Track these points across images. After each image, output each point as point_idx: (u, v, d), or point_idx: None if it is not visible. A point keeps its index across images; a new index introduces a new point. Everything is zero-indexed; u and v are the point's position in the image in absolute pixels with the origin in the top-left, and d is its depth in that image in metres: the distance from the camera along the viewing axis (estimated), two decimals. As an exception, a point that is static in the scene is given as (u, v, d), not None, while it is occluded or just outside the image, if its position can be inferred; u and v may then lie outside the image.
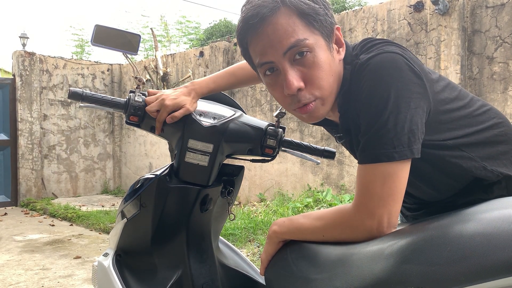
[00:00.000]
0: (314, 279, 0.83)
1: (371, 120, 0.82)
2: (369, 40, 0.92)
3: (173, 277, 1.16)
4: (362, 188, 0.84)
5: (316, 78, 0.87)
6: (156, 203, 1.14)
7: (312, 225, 0.91)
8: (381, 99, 0.80)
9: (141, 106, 1.14)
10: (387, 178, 0.81)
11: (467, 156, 0.88)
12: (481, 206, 0.77)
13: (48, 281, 3.44)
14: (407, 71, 0.81)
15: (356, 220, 0.84)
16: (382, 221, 0.82)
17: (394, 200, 0.82)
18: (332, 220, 0.88)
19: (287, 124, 5.66)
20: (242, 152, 1.21)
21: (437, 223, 0.76)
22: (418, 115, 0.81)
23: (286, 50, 0.85)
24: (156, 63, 4.86)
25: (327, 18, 0.87)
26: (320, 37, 0.87)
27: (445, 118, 0.87)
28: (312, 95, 0.88)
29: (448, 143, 0.87)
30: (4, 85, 7.08)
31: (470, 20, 4.14)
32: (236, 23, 13.49)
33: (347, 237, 0.86)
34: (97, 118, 8.07)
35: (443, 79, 0.93)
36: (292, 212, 4.46)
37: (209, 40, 12.38)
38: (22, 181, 7.11)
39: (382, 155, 0.80)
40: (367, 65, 0.84)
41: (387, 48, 0.85)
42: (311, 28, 0.86)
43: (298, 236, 0.94)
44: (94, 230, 5.28)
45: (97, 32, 1.15)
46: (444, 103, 0.88)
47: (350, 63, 0.91)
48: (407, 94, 0.80)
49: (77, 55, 12.89)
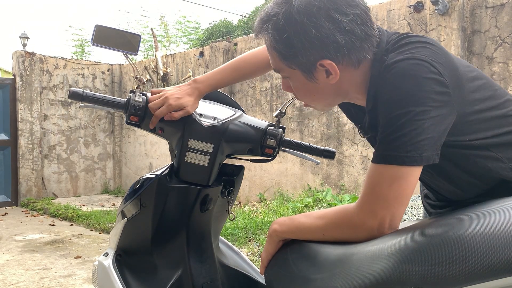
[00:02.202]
0: (314, 278, 0.83)
1: (389, 122, 0.82)
2: (404, 37, 0.90)
3: (173, 277, 1.16)
4: (368, 187, 0.83)
5: (297, 94, 0.99)
6: (156, 203, 1.14)
7: (312, 224, 0.91)
8: (401, 105, 0.80)
9: (142, 106, 1.15)
10: (395, 181, 0.80)
11: (494, 157, 0.87)
12: (481, 206, 0.77)
13: (48, 281, 3.44)
14: (431, 80, 0.80)
15: (358, 218, 0.83)
16: (383, 222, 0.81)
17: (399, 203, 0.81)
18: (334, 218, 0.88)
19: (287, 124, 5.66)
20: (242, 152, 1.21)
21: (437, 223, 0.76)
22: (439, 123, 0.80)
23: (273, 68, 0.98)
24: (156, 63, 4.86)
25: (305, 57, 0.87)
26: (297, 71, 0.91)
27: (474, 119, 0.86)
28: (300, 99, 1.00)
29: (475, 143, 0.86)
30: (4, 85, 7.08)
31: (470, 20, 4.14)
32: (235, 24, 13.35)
33: (347, 236, 0.86)
34: (97, 118, 8.07)
35: (481, 77, 0.90)
36: (292, 212, 4.46)
37: (209, 40, 12.38)
38: (22, 181, 7.11)
39: (393, 157, 0.80)
40: (392, 69, 0.83)
41: (417, 53, 0.83)
42: (289, 62, 0.91)
43: (298, 235, 0.94)
44: (94, 230, 5.28)
45: (98, 32, 1.15)
46: (474, 104, 0.86)
47: (380, 60, 0.89)
48: (427, 102, 0.79)
49: (77, 55, 12.89)
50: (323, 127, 5.36)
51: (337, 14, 0.83)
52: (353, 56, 0.87)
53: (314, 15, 0.83)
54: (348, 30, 0.84)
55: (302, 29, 0.84)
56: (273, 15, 0.87)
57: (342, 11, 0.84)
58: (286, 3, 0.86)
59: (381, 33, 0.92)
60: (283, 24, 0.86)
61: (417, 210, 3.54)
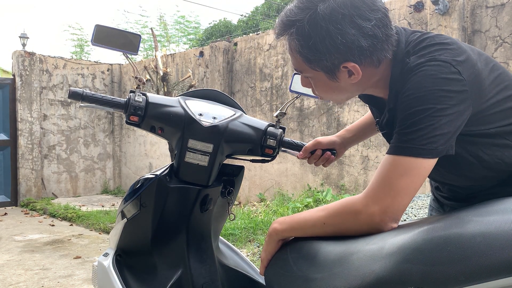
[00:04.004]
0: (314, 278, 0.83)
1: (408, 117, 0.84)
2: (424, 38, 0.92)
3: (173, 277, 1.16)
4: (378, 176, 0.85)
5: (317, 91, 1.02)
6: (156, 203, 1.14)
7: (313, 216, 0.92)
8: (421, 101, 0.83)
9: (141, 106, 1.14)
10: (407, 172, 0.82)
11: (509, 145, 0.90)
12: (481, 206, 0.77)
13: (48, 281, 3.44)
14: (450, 80, 0.84)
15: (361, 204, 0.84)
16: (387, 211, 0.82)
17: (406, 194, 0.82)
18: (336, 208, 0.89)
19: (287, 124, 5.66)
20: (242, 152, 1.21)
21: (437, 222, 0.76)
22: (455, 119, 0.84)
23: (294, 68, 1.01)
24: (156, 63, 4.86)
25: (330, 61, 0.90)
26: (321, 72, 0.94)
27: (491, 111, 0.89)
28: (319, 96, 1.04)
29: (491, 131, 0.89)
30: (4, 85, 7.08)
31: (470, 20, 4.14)
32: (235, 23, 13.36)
33: (348, 225, 0.86)
34: (97, 118, 8.07)
35: (497, 68, 0.93)
36: (292, 212, 4.46)
37: (209, 40, 12.38)
38: (22, 181, 7.11)
39: (408, 149, 0.83)
40: (415, 71, 0.87)
41: (438, 55, 0.87)
42: (313, 65, 0.93)
43: (299, 231, 0.94)
44: (94, 230, 5.27)
45: (98, 32, 1.15)
46: (491, 97, 0.89)
47: (401, 60, 0.92)
48: (446, 101, 0.83)
49: (76, 55, 12.89)
50: (323, 127, 5.36)
51: (361, 20, 0.87)
52: (374, 57, 0.91)
53: (339, 22, 0.86)
54: (371, 34, 0.88)
55: (327, 35, 0.87)
56: (297, 20, 0.89)
57: (365, 17, 0.87)
58: (310, 9, 0.88)
59: (399, 33, 0.95)
60: (308, 30, 0.88)
61: (417, 210, 3.54)
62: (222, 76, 6.34)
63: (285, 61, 5.73)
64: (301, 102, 5.57)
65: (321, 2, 0.87)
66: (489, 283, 0.66)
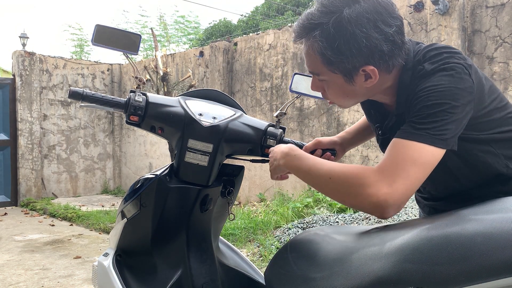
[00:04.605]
0: (314, 278, 0.83)
1: (425, 108, 0.88)
2: (433, 48, 0.97)
3: (173, 277, 1.16)
4: (392, 158, 0.86)
5: (329, 95, 1.04)
6: (156, 203, 1.14)
7: (324, 166, 0.93)
8: (439, 96, 0.88)
9: (141, 106, 1.14)
10: (420, 158, 0.85)
11: (493, 152, 0.96)
12: (481, 206, 0.77)
13: (48, 281, 3.44)
14: (465, 81, 0.89)
15: (373, 179, 0.84)
16: (394, 194, 0.82)
17: (415, 182, 0.84)
18: (347, 171, 0.89)
19: (287, 124, 5.66)
20: (242, 152, 1.21)
21: (437, 222, 0.76)
22: (463, 118, 0.89)
23: (310, 70, 1.02)
24: (156, 63, 4.86)
25: (351, 63, 0.93)
26: (339, 75, 0.96)
27: (484, 118, 0.94)
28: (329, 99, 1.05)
29: (481, 137, 0.95)
30: (4, 85, 7.08)
31: (470, 20, 4.14)
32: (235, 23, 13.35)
33: (351, 193, 0.86)
34: (97, 118, 8.07)
35: (489, 80, 0.99)
36: (292, 212, 4.46)
37: (209, 40, 12.38)
38: (22, 181, 7.11)
39: (423, 136, 0.86)
40: (433, 73, 0.91)
41: (451, 60, 0.91)
42: (332, 68, 0.95)
43: (302, 173, 0.97)
44: (94, 230, 5.27)
45: (98, 32, 1.15)
46: (486, 105, 0.94)
47: (411, 68, 0.96)
48: (461, 99, 0.88)
49: (76, 54, 12.88)
50: (323, 127, 5.36)
51: (384, 25, 0.91)
52: (391, 62, 0.95)
53: (365, 26, 0.90)
54: (391, 40, 0.92)
55: (352, 38, 0.91)
56: (322, 23, 0.93)
57: (387, 23, 0.92)
58: (334, 13, 0.92)
59: (408, 42, 1.00)
60: (333, 32, 0.91)
61: (418, 210, 3.54)
62: (222, 76, 6.34)
63: (285, 61, 5.73)
64: (301, 102, 5.57)
65: (346, 7, 0.91)
66: (489, 283, 0.66)
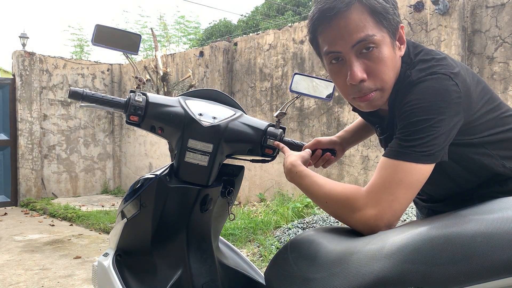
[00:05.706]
0: (314, 278, 0.83)
1: (410, 125, 0.88)
2: (419, 52, 0.97)
3: (173, 277, 1.16)
4: (379, 179, 0.88)
5: (379, 72, 0.94)
6: (156, 203, 1.14)
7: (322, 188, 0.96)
8: (424, 111, 0.87)
9: (141, 106, 1.14)
10: (406, 177, 0.86)
11: (488, 154, 0.96)
12: (482, 206, 0.77)
13: (48, 281, 3.44)
14: (450, 92, 0.88)
15: (362, 202, 0.88)
16: (383, 216, 0.86)
17: (404, 201, 0.86)
18: (340, 194, 0.92)
19: (287, 124, 5.66)
20: (242, 152, 1.21)
21: (438, 223, 0.76)
22: (452, 129, 0.89)
23: (355, 44, 0.91)
24: (156, 63, 4.86)
25: (395, 17, 0.94)
26: (386, 34, 0.93)
27: (476, 122, 0.94)
28: (373, 86, 0.95)
29: (474, 141, 0.95)
30: (4, 85, 7.08)
31: (470, 20, 4.14)
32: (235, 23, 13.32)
33: (344, 217, 0.91)
34: (97, 118, 8.07)
35: (480, 82, 0.98)
36: (292, 212, 4.46)
37: (209, 40, 12.38)
38: (22, 181, 7.11)
39: (408, 155, 0.86)
40: (418, 84, 0.90)
41: (438, 69, 0.91)
42: (380, 25, 0.92)
43: (304, 188, 1.01)
44: (94, 230, 5.27)
45: (98, 32, 1.14)
46: (477, 110, 0.94)
47: (403, 75, 0.96)
48: (446, 112, 0.87)
49: (76, 55, 12.88)
50: (323, 127, 5.36)
51: None
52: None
53: None
54: None
55: None
56: None
57: None
58: None
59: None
60: None
61: (416, 211, 3.53)
62: (222, 76, 6.34)
63: (285, 61, 5.73)
64: (301, 102, 5.57)
65: None
66: (489, 283, 0.65)
